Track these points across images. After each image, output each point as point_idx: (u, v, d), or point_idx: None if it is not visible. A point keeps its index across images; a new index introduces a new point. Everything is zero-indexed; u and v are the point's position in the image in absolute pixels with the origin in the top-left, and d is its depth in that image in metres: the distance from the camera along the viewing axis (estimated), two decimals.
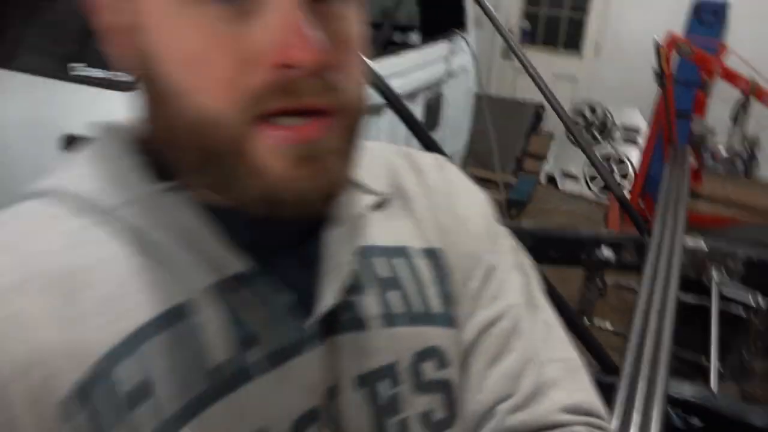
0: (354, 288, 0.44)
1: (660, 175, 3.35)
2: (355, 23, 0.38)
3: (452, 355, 0.47)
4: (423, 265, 0.48)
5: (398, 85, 2.02)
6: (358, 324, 0.43)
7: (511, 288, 0.50)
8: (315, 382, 0.41)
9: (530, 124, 4.41)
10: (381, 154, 0.52)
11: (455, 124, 2.68)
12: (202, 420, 0.37)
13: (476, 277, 0.50)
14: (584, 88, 4.51)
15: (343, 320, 0.43)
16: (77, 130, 1.52)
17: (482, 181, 2.66)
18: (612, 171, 4.21)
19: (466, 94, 2.72)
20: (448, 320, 0.48)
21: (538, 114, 4.53)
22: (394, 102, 1.55)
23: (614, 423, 1.29)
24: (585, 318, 2.53)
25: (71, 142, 1.53)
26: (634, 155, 4.11)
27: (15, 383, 0.34)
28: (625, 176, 4.14)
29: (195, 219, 0.39)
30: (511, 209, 3.97)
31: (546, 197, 4.24)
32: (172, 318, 0.38)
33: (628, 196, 4.16)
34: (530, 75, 2.43)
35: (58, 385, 0.35)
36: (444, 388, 0.46)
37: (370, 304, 0.44)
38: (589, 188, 4.25)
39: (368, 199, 0.47)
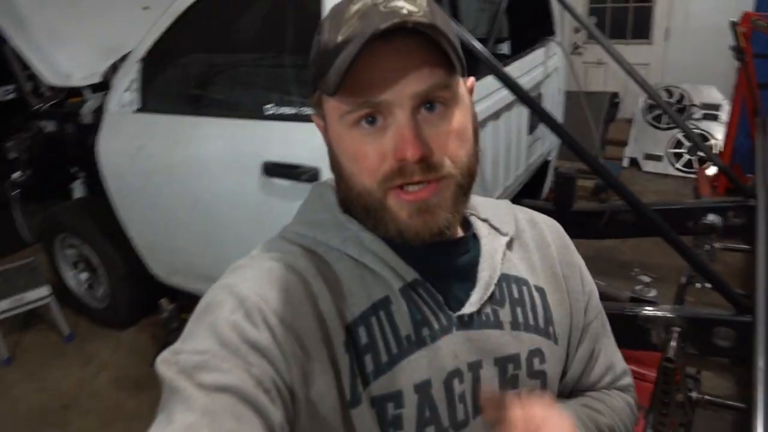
0: (498, 301, 0.68)
1: (746, 145, 3.51)
2: (453, 120, 0.59)
3: (548, 356, 0.71)
4: (536, 296, 0.72)
5: (506, 93, 2.35)
6: (498, 324, 0.67)
7: (603, 320, 0.81)
8: (459, 352, 0.64)
9: (607, 112, 4.62)
10: (508, 207, 0.77)
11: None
12: (398, 368, 0.62)
13: (586, 309, 0.77)
14: (657, 72, 4.68)
15: (488, 320, 0.67)
16: (275, 158, 1.90)
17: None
18: (697, 148, 4.37)
19: (559, 91, 3.01)
20: (547, 334, 0.71)
21: (613, 102, 4.73)
22: (526, 99, 1.88)
23: (759, 350, 1.53)
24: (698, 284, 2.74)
25: (270, 167, 1.90)
26: (715, 131, 4.26)
27: (317, 329, 0.60)
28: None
29: (382, 247, 0.64)
30: (600, 194, 4.20)
31: (632, 179, 4.42)
32: (380, 305, 0.63)
33: (713, 170, 4.31)
34: (617, 61, 2.70)
35: (335, 333, 0.60)
36: (543, 376, 0.70)
37: (505, 313, 0.68)
38: (674, 166, 4.41)
39: (503, 239, 0.71)
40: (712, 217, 2.49)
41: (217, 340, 0.55)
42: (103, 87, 2.67)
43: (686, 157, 4.43)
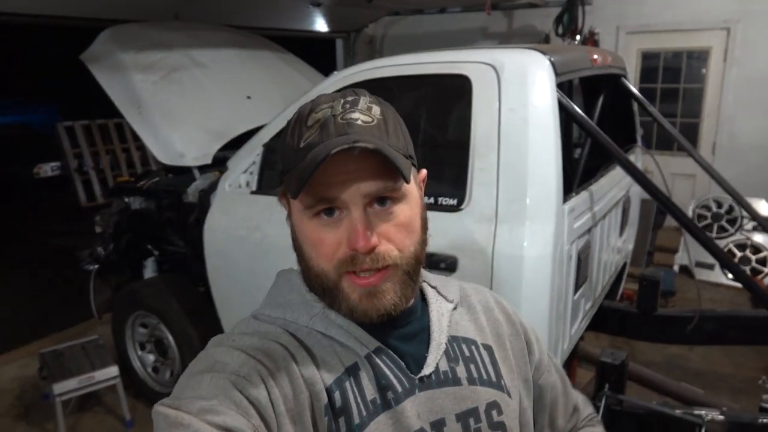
0: (453, 359, 0.75)
1: None
2: (401, 214, 0.67)
3: (504, 408, 0.76)
4: (484, 353, 0.79)
5: (613, 194, 2.42)
6: (456, 381, 0.74)
7: (550, 360, 0.90)
8: (421, 412, 0.70)
9: (655, 219, 4.71)
10: (454, 280, 0.86)
11: (632, 223, 3.03)
12: (367, 431, 0.66)
13: (534, 351, 0.86)
14: (704, 184, 4.84)
15: (447, 378, 0.73)
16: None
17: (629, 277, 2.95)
18: (750, 259, 4.41)
19: (638, 196, 3.09)
20: (499, 387, 0.77)
21: (660, 210, 4.84)
22: (646, 183, 1.94)
23: None
24: None
25: None
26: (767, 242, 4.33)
27: (304, 393, 0.65)
28: (764, 263, 4.33)
29: (346, 321, 0.70)
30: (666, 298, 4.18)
31: (685, 286, 4.42)
32: (351, 372, 0.69)
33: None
34: (706, 170, 2.77)
35: (319, 397, 0.66)
36: (503, 427, 0.75)
37: (461, 370, 0.75)
38: (726, 275, 4.42)
39: (449, 305, 0.80)
40: None
41: (221, 392, 0.60)
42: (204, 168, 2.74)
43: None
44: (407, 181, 0.67)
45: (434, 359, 0.73)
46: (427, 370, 0.72)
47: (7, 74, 10.79)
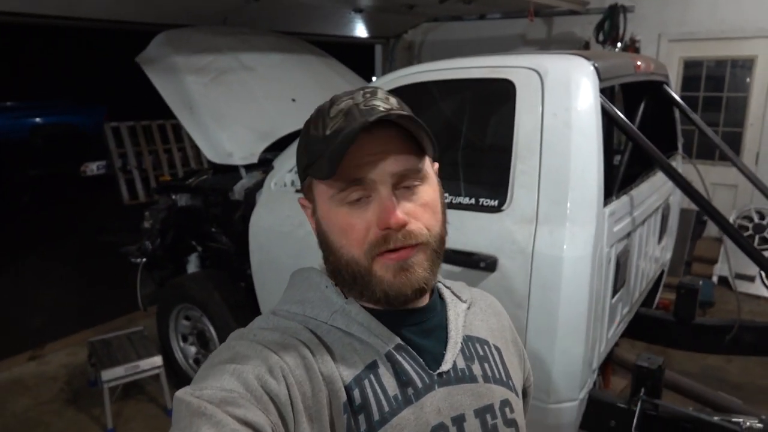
0: (468, 357, 0.77)
1: None
2: (426, 195, 0.70)
3: (514, 406, 0.80)
4: (495, 354, 0.82)
5: (653, 200, 2.42)
6: (473, 378, 0.76)
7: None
8: (442, 408, 0.71)
9: (694, 229, 4.64)
10: (464, 285, 0.89)
11: (671, 232, 3.01)
12: (389, 426, 0.68)
13: (526, 361, 0.92)
14: (745, 195, 4.74)
15: (464, 375, 0.75)
16: (448, 245, 1.91)
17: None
18: None
19: (679, 204, 3.07)
20: (509, 386, 0.81)
21: (700, 220, 4.76)
22: (687, 188, 1.93)
23: None
24: None
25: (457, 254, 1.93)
26: None
27: (323, 391, 0.66)
28: None
29: (367, 317, 0.72)
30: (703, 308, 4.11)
31: (724, 298, 4.34)
32: (370, 369, 0.70)
33: None
34: (750, 180, 2.73)
35: (338, 395, 0.67)
36: (515, 425, 0.79)
37: (476, 368, 0.77)
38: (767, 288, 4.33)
39: (463, 305, 0.83)
40: None
41: (242, 384, 0.60)
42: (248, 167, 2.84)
43: None
44: (432, 156, 0.72)
45: (452, 357, 0.75)
46: (445, 366, 0.74)
47: (59, 76, 11.25)
